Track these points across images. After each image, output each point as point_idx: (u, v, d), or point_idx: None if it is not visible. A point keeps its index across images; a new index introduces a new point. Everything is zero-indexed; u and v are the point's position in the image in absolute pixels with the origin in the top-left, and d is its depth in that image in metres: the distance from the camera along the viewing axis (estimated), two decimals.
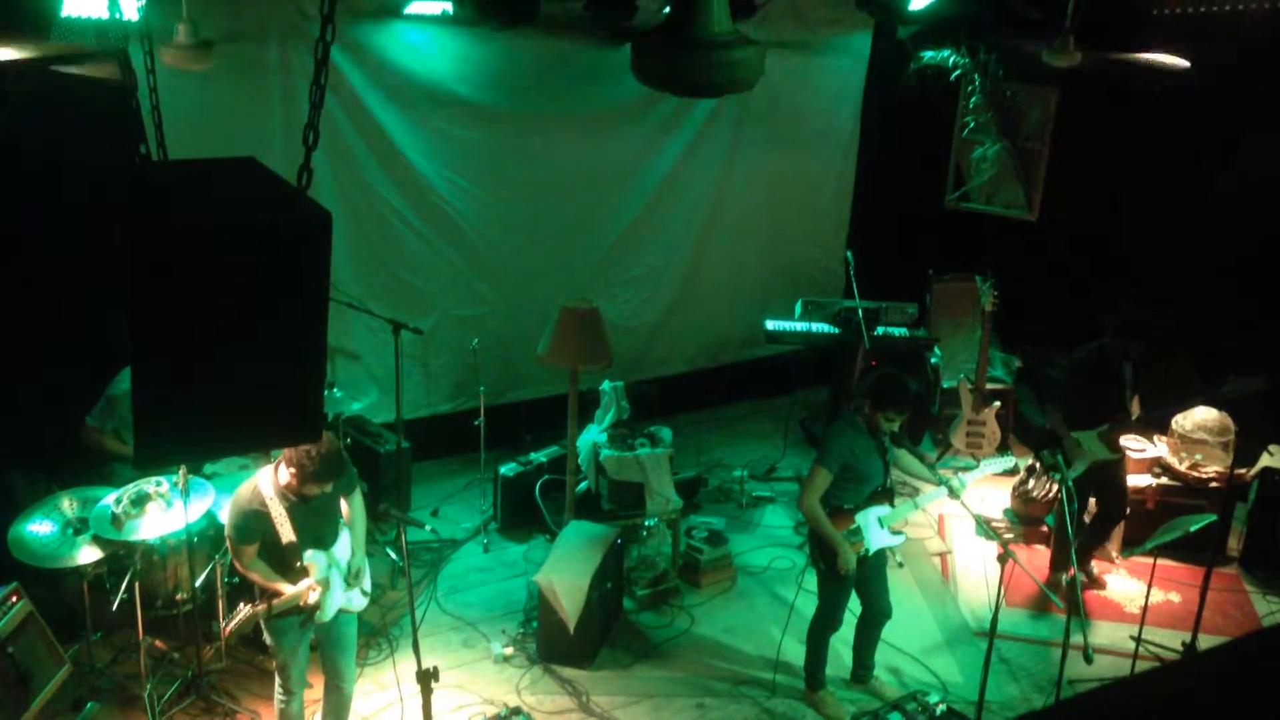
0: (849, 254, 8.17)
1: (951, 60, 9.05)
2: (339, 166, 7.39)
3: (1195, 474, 7.47)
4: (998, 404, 8.35)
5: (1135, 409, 6.79)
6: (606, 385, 7.43)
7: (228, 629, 5.05)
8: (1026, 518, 7.73)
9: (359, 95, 7.37)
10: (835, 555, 5.58)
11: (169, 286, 2.27)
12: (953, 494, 5.66)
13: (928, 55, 9.11)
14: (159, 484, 5.62)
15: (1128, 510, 7.06)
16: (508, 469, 7.57)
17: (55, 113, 6.06)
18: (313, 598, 4.89)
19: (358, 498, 5.22)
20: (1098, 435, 6.69)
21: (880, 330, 8.07)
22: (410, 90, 7.57)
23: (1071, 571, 6.04)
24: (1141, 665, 6.12)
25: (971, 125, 9.46)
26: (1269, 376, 6.20)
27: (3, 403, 6.17)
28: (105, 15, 5.42)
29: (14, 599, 5.29)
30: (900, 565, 7.26)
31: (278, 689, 5.16)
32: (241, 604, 4.95)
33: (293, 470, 4.71)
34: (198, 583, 5.79)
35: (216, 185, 2.70)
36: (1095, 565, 7.24)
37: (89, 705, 5.57)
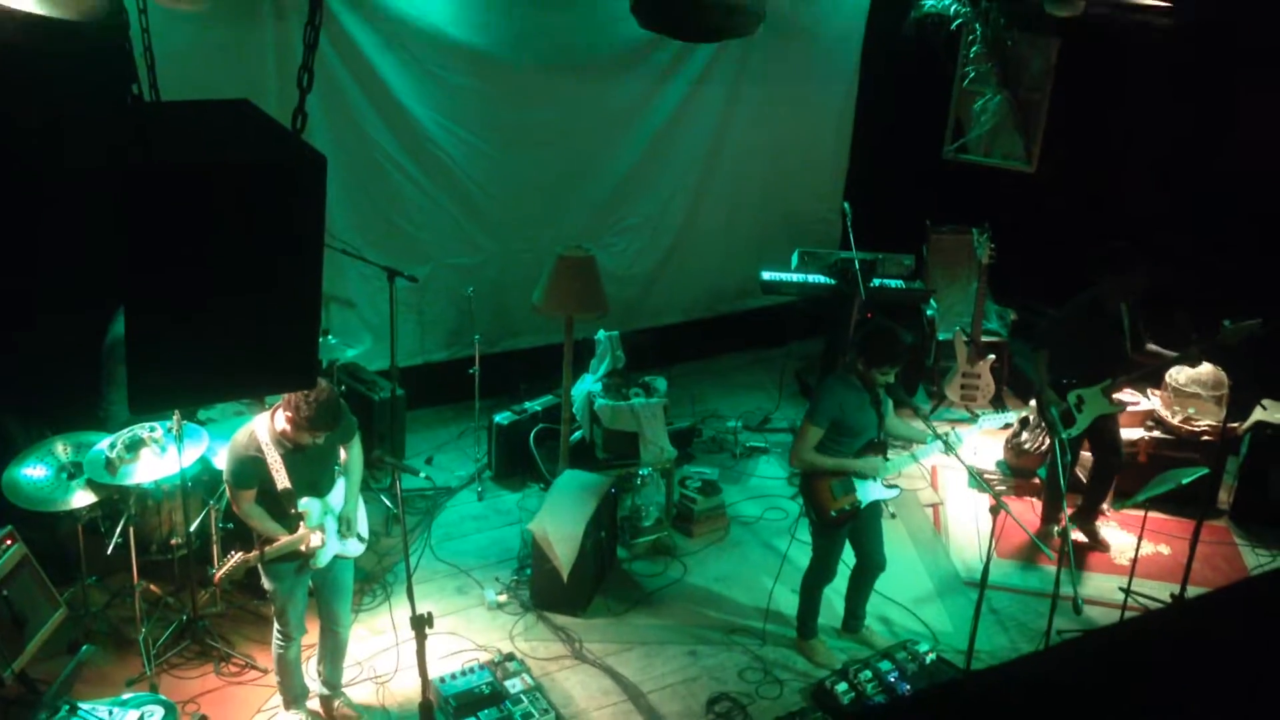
0: (846, 205, 8.13)
1: (953, 9, 8.94)
2: (334, 112, 7.30)
3: (1188, 427, 7.49)
4: (992, 357, 8.37)
5: (1156, 350, 6.71)
6: (601, 334, 7.42)
7: (218, 575, 5.07)
8: (1019, 470, 7.76)
9: (353, 39, 7.26)
10: (827, 510, 5.60)
11: (162, 227, 2.25)
12: (949, 450, 5.68)
13: (928, 3, 8.98)
14: (153, 429, 5.61)
15: (1123, 463, 7.07)
16: (502, 417, 7.56)
17: (48, 56, 5.97)
18: (312, 542, 4.91)
19: (356, 446, 5.22)
20: (1101, 390, 6.68)
21: (876, 282, 8.05)
22: (405, 34, 7.46)
23: (1063, 522, 6.05)
24: (1130, 617, 6.18)
25: (972, 75, 9.36)
26: (1265, 321, 6.20)
27: None
28: None
29: (8, 542, 5.30)
30: (893, 516, 7.29)
31: (275, 633, 5.19)
32: (234, 550, 4.98)
33: (288, 415, 4.70)
34: (192, 528, 5.81)
35: (210, 127, 2.67)
36: (1099, 524, 7.21)
37: (84, 648, 5.60)
